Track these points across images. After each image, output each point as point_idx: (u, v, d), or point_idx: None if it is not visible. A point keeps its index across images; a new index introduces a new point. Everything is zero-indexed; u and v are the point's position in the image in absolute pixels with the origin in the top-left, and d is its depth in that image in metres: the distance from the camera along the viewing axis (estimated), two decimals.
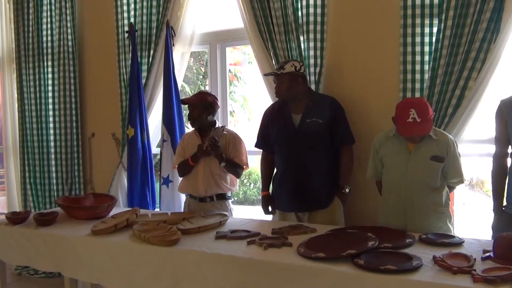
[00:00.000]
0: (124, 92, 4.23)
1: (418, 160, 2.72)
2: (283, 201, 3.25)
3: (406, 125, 2.62)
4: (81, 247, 2.78)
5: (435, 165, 2.71)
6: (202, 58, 7.76)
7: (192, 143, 3.39)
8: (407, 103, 2.70)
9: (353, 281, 2.07)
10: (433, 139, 2.71)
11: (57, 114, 4.55)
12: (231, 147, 3.35)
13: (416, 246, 2.39)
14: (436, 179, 2.73)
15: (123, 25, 4.20)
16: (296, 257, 2.29)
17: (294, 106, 3.17)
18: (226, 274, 2.36)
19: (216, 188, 3.34)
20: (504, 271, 1.93)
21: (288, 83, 3.09)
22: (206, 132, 3.34)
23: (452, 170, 2.75)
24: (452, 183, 2.81)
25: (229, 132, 3.40)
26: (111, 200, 3.35)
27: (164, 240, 2.56)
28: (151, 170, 4.10)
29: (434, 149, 2.71)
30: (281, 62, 3.19)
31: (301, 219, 3.19)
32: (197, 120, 3.36)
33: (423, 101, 2.73)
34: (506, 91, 2.77)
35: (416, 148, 2.73)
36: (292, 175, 3.19)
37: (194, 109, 3.36)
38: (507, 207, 2.67)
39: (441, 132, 2.79)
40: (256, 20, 3.57)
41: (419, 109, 2.60)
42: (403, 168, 2.76)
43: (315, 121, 3.10)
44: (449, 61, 3.01)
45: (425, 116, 2.60)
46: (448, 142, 2.72)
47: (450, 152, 2.72)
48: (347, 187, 3.17)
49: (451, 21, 2.99)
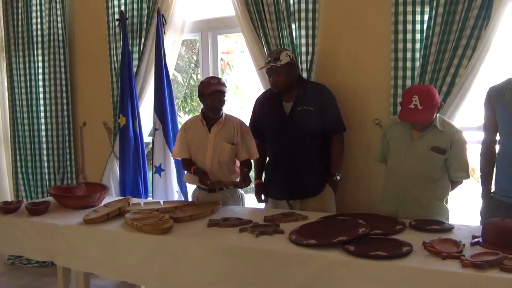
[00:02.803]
0: (115, 80, 4.21)
1: (419, 149, 2.71)
2: (274, 189, 3.26)
3: (407, 111, 2.61)
4: (73, 236, 2.79)
5: (435, 156, 2.69)
6: (194, 47, 7.71)
7: (197, 130, 3.20)
8: (412, 90, 2.68)
9: (344, 267, 2.09)
10: (438, 130, 2.69)
11: (48, 103, 4.52)
12: (241, 137, 3.18)
13: (407, 232, 2.42)
14: (435, 170, 2.72)
15: (113, 13, 4.17)
16: (287, 244, 2.31)
17: (285, 94, 3.17)
18: (218, 262, 2.37)
19: (224, 178, 3.20)
20: (492, 256, 1.96)
21: (286, 74, 3.08)
22: (214, 120, 3.17)
23: (455, 164, 2.72)
24: (455, 178, 2.78)
25: (236, 120, 3.23)
26: (103, 189, 3.35)
27: (156, 229, 2.57)
28: (143, 159, 4.09)
29: (437, 140, 2.69)
30: (274, 53, 3.13)
31: (292, 207, 3.20)
32: (222, 108, 3.16)
33: (429, 89, 2.67)
34: (496, 79, 2.78)
35: (420, 137, 2.71)
36: (283, 163, 3.20)
37: (222, 97, 3.13)
38: (495, 193, 2.70)
39: (448, 124, 2.76)
40: (247, 8, 3.55)
41: (422, 96, 2.58)
42: (402, 155, 2.76)
43: (306, 109, 3.10)
44: (440, 49, 3.02)
45: (427, 104, 2.57)
46: (453, 134, 2.70)
47: (454, 145, 2.69)
48: (338, 174, 3.18)
49: (442, 9, 2.99)
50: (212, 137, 3.16)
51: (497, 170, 2.69)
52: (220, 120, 3.16)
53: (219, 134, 3.16)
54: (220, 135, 3.16)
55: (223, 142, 3.15)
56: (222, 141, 3.15)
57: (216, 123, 3.16)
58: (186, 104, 7.93)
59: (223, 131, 3.17)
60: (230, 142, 3.16)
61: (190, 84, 8.12)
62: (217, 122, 3.16)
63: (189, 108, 7.86)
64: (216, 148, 3.15)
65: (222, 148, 3.15)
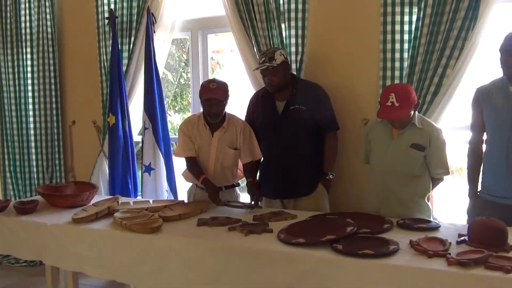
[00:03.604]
0: (104, 79, 4.20)
1: (399, 146, 2.76)
2: (268, 188, 3.25)
3: (384, 109, 2.67)
4: (62, 235, 2.78)
5: (415, 153, 2.73)
6: (184, 45, 7.71)
7: (200, 132, 3.10)
8: (389, 88, 2.74)
9: (332, 266, 2.11)
10: (417, 127, 2.73)
11: (37, 102, 4.49)
12: (243, 140, 3.12)
13: (394, 231, 2.44)
14: (415, 167, 2.76)
15: (103, 11, 4.15)
16: (276, 243, 2.32)
17: (278, 94, 3.16)
18: (207, 261, 2.38)
19: (225, 181, 3.20)
20: (477, 254, 1.98)
21: (281, 73, 3.08)
22: (217, 125, 3.08)
23: (436, 161, 2.77)
24: (435, 174, 2.82)
25: (239, 122, 3.17)
26: (92, 188, 3.34)
27: (145, 228, 2.57)
28: (133, 158, 4.09)
29: (416, 137, 2.73)
30: (268, 53, 3.10)
31: (286, 206, 3.20)
32: (220, 115, 3.06)
33: (405, 87, 2.74)
34: (483, 79, 2.82)
35: (399, 135, 2.76)
36: (276, 162, 3.21)
37: (219, 105, 3.01)
38: (481, 192, 2.73)
39: (427, 122, 2.81)
40: (237, 7, 3.56)
41: (399, 94, 2.64)
42: (383, 153, 2.81)
43: (299, 108, 3.10)
44: (428, 49, 3.05)
45: (403, 102, 2.63)
46: (432, 131, 2.74)
47: (433, 142, 2.73)
48: (331, 173, 3.18)
49: (430, 10, 3.02)
50: (215, 141, 3.09)
51: (484, 169, 2.73)
52: (224, 125, 3.08)
53: (222, 139, 3.09)
54: (223, 140, 3.10)
55: (226, 147, 3.10)
56: (225, 146, 3.10)
57: (219, 128, 3.08)
58: (176, 103, 7.93)
59: (226, 136, 3.10)
60: (233, 147, 3.12)
61: (180, 83, 8.11)
62: (221, 127, 3.08)
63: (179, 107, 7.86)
64: (219, 153, 3.10)
65: (225, 153, 3.11)
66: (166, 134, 4.00)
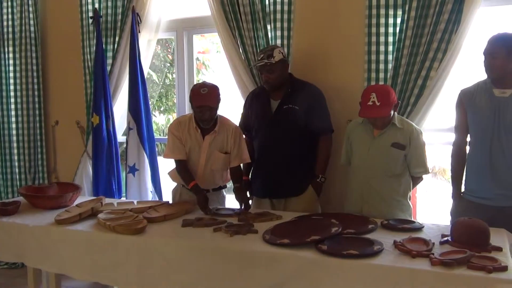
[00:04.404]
0: (88, 79, 4.16)
1: (380, 146, 2.80)
2: (258, 187, 3.25)
3: (366, 108, 2.72)
4: (44, 237, 2.74)
5: (396, 152, 2.78)
6: (169, 46, 7.68)
7: (191, 134, 3.04)
8: (370, 88, 2.80)
9: (317, 266, 2.12)
10: (397, 127, 2.78)
11: (19, 102, 4.44)
12: (234, 144, 3.06)
13: (378, 231, 2.46)
14: (396, 166, 2.80)
15: (87, 11, 4.12)
16: (261, 243, 2.32)
17: (274, 92, 3.15)
18: (191, 262, 2.37)
19: (213, 184, 3.17)
20: (460, 254, 2.01)
21: (279, 71, 3.06)
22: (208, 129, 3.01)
23: (415, 159, 2.81)
24: (415, 173, 2.86)
25: (230, 126, 3.10)
26: (75, 189, 3.30)
27: (129, 229, 2.55)
28: (117, 158, 4.06)
29: (396, 137, 2.78)
30: (266, 50, 3.08)
31: (276, 206, 3.19)
32: (212, 121, 2.99)
33: (385, 87, 2.82)
34: (466, 81, 2.86)
35: (380, 134, 2.81)
36: (266, 161, 3.20)
37: (211, 111, 2.92)
38: (465, 193, 2.77)
39: (407, 122, 2.87)
40: (223, 8, 3.55)
41: (380, 93, 2.70)
42: (365, 153, 2.84)
43: (292, 107, 3.09)
44: (412, 51, 3.09)
45: (384, 101, 2.68)
46: (411, 131, 2.79)
47: (413, 141, 2.78)
48: (322, 177, 3.15)
49: (414, 12, 3.06)
50: (205, 145, 3.04)
51: (467, 171, 2.76)
52: (215, 129, 3.02)
53: (213, 143, 3.04)
54: (214, 144, 3.04)
55: (216, 152, 3.05)
56: (216, 150, 3.05)
57: (211, 132, 3.02)
58: (161, 104, 7.90)
59: (217, 140, 3.05)
60: (223, 151, 3.07)
61: (165, 84, 8.09)
62: (212, 131, 3.02)
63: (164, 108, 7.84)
64: (209, 157, 3.06)
65: (215, 157, 3.07)
66: (151, 134, 3.97)
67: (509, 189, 2.59)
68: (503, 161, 2.58)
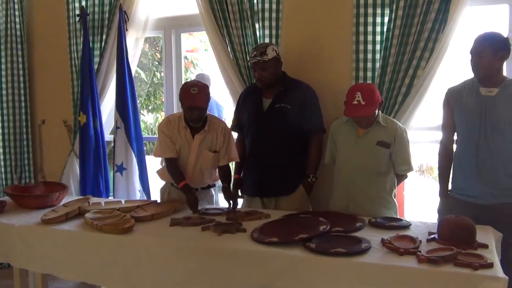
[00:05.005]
0: (75, 77, 4.13)
1: (365, 145, 2.81)
2: (249, 185, 3.24)
3: (351, 107, 2.73)
4: (31, 237, 2.72)
5: (381, 150, 2.79)
6: (157, 44, 7.65)
7: (181, 133, 3.03)
8: (355, 87, 2.81)
9: (305, 264, 2.12)
10: (382, 125, 2.80)
11: (5, 100, 4.38)
12: (223, 142, 3.08)
13: (366, 229, 2.47)
14: (381, 164, 2.82)
15: (74, 9, 4.08)
16: (250, 242, 2.32)
17: (267, 90, 3.14)
18: (180, 261, 2.36)
19: (202, 183, 3.16)
20: (447, 251, 2.03)
21: (272, 69, 3.05)
22: (198, 128, 3.01)
23: (400, 157, 2.83)
24: (400, 171, 2.88)
25: (220, 125, 3.11)
26: (62, 188, 3.27)
27: (117, 228, 2.53)
28: (104, 157, 4.03)
29: (381, 135, 2.80)
30: (260, 47, 3.07)
31: (266, 205, 3.18)
32: (202, 120, 2.99)
33: (370, 86, 2.84)
34: (453, 80, 2.88)
35: (365, 133, 2.82)
36: (257, 160, 3.19)
37: (201, 111, 2.94)
38: (452, 191, 2.79)
39: (391, 120, 2.89)
40: (211, 6, 3.54)
41: (365, 92, 2.71)
42: (350, 151, 2.85)
43: (284, 106, 3.08)
44: (399, 50, 3.10)
45: (369, 100, 2.70)
46: (396, 129, 2.81)
47: (398, 139, 2.80)
48: (313, 177, 3.14)
49: (401, 11, 3.07)
50: (195, 145, 3.03)
51: (454, 169, 2.79)
52: (205, 128, 3.02)
53: (202, 142, 3.04)
54: (203, 144, 3.04)
55: (206, 151, 3.05)
56: (205, 149, 3.05)
57: (200, 131, 3.02)
58: (150, 102, 7.87)
59: (207, 139, 3.05)
60: (212, 150, 3.07)
61: (153, 82, 8.05)
62: (202, 130, 3.02)
63: (152, 106, 7.81)
64: (198, 156, 3.06)
65: (205, 156, 3.06)
66: (139, 133, 3.95)
67: (495, 187, 2.62)
68: (489, 160, 2.61)
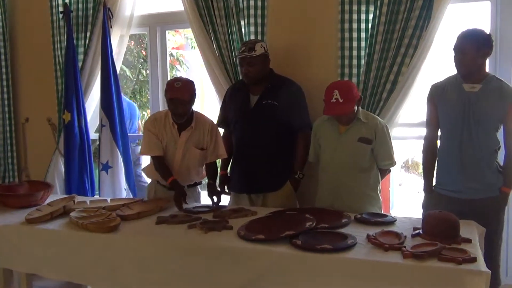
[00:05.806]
0: (59, 75, 4.09)
1: (347, 141, 2.83)
2: (236, 182, 3.24)
3: (330, 105, 2.74)
4: (15, 237, 2.69)
5: (363, 146, 2.81)
6: (143, 41, 7.59)
7: (167, 131, 3.02)
8: (332, 85, 2.81)
9: (292, 261, 2.13)
10: (362, 122, 2.82)
11: None
12: (210, 140, 3.07)
13: (352, 225, 2.48)
14: (364, 160, 2.84)
15: (57, 5, 4.04)
16: (236, 239, 2.32)
17: (254, 87, 3.14)
18: (166, 259, 2.35)
19: (189, 181, 3.15)
20: (431, 246, 2.05)
21: (259, 65, 3.05)
22: (185, 125, 3.00)
23: (382, 152, 2.86)
24: (383, 166, 2.91)
25: (207, 122, 3.09)
26: (47, 187, 3.24)
27: (102, 227, 2.52)
28: (89, 156, 4.00)
29: (362, 131, 2.82)
30: (248, 43, 3.07)
31: (254, 202, 3.19)
32: (185, 115, 2.97)
33: (347, 83, 2.86)
34: (437, 76, 2.90)
35: (346, 131, 2.84)
36: (244, 156, 3.19)
37: (184, 105, 2.90)
38: (436, 186, 2.82)
39: (372, 116, 2.91)
40: (196, 3, 3.53)
41: (342, 90, 2.72)
42: (332, 149, 2.87)
43: (271, 103, 3.08)
44: (384, 47, 3.12)
45: (347, 97, 2.71)
46: (377, 125, 2.83)
47: (379, 135, 2.82)
48: (300, 173, 3.15)
49: (385, 8, 3.09)
50: (182, 142, 3.01)
51: (438, 164, 2.82)
52: (192, 125, 3.01)
53: (189, 139, 3.02)
54: (190, 141, 3.02)
55: (193, 148, 3.04)
56: (192, 147, 3.04)
57: (187, 128, 3.00)
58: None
59: (193, 137, 3.03)
60: (199, 147, 3.05)
61: (139, 80, 7.99)
62: (189, 127, 3.00)
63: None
64: (185, 153, 3.04)
65: (192, 153, 3.05)
66: (124, 131, 3.93)
67: (478, 182, 2.65)
68: (473, 155, 2.64)
